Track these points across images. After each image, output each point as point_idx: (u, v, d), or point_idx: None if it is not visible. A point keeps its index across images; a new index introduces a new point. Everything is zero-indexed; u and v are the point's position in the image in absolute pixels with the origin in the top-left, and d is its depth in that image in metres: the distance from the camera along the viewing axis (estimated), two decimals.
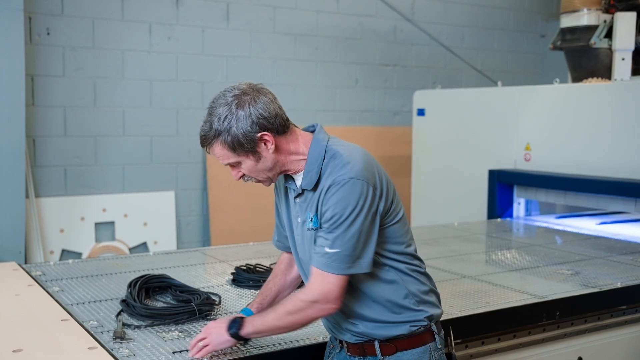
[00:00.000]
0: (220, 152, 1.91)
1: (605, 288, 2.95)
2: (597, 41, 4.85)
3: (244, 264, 3.14)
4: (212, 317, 2.45)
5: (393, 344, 1.97)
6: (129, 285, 2.65)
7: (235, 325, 1.97)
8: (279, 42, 6.06)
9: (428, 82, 6.88)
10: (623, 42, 4.79)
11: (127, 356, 2.07)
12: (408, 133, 6.16)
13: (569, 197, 4.57)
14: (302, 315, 1.90)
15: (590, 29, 4.93)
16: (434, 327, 2.02)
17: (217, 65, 5.76)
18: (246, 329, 1.96)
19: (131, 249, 5.41)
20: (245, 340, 2.05)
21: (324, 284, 1.85)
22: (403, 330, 1.97)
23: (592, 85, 4.58)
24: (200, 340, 2.01)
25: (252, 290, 2.87)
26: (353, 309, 1.98)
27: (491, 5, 7.36)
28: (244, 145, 1.87)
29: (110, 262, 3.39)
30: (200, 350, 2.00)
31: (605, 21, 4.91)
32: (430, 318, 2.00)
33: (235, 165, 1.94)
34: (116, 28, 5.32)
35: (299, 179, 1.97)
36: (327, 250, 1.84)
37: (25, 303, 2.57)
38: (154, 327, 2.33)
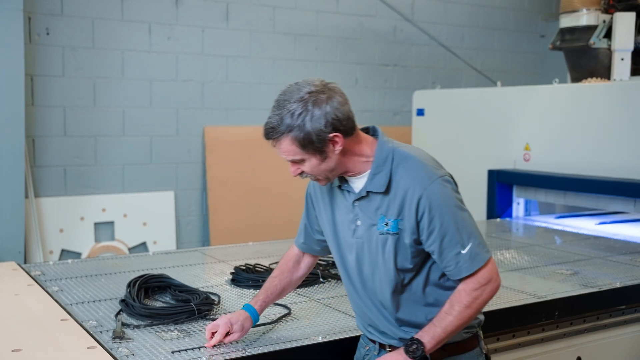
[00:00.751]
0: (287, 147, 1.85)
1: (604, 288, 2.95)
2: (597, 41, 4.85)
3: (243, 264, 3.14)
4: (211, 317, 2.45)
5: (443, 348, 1.94)
6: (128, 285, 2.65)
7: (413, 348, 1.87)
8: (279, 42, 6.07)
9: (428, 82, 6.88)
10: (622, 42, 4.79)
11: (127, 356, 2.07)
12: (408, 133, 6.16)
13: (568, 197, 4.57)
14: (478, 303, 1.88)
15: (590, 29, 4.93)
16: (479, 332, 2.05)
17: (217, 65, 5.76)
18: (429, 346, 1.87)
19: (131, 249, 5.42)
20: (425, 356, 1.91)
21: (482, 276, 1.86)
22: (458, 336, 1.97)
23: (592, 85, 4.58)
24: None
25: (251, 290, 2.87)
26: (414, 317, 1.96)
27: (491, 5, 7.36)
28: (314, 144, 1.83)
29: (109, 262, 3.39)
30: None
31: (604, 21, 4.91)
32: (479, 323, 2.03)
33: (297, 162, 1.89)
34: (116, 28, 5.32)
35: (359, 181, 1.93)
36: (462, 251, 1.85)
37: (25, 303, 2.57)
38: (153, 326, 2.33)
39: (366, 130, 1.99)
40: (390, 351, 2.00)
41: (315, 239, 2.19)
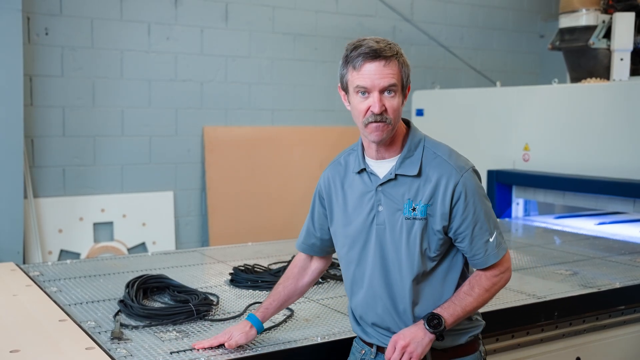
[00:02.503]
0: (394, 70, 1.86)
1: (603, 288, 2.95)
2: (596, 41, 4.86)
3: (242, 265, 3.14)
4: (209, 318, 2.45)
5: (446, 351, 1.95)
6: (127, 286, 2.65)
7: (434, 323, 1.88)
8: (278, 42, 6.06)
9: (427, 82, 6.88)
10: (622, 42, 4.79)
11: (125, 356, 2.06)
12: None
13: (567, 198, 4.57)
14: (495, 289, 1.97)
15: (589, 29, 4.93)
16: (480, 336, 2.06)
17: (216, 65, 5.76)
18: (449, 322, 1.89)
19: (130, 249, 5.41)
20: (442, 334, 1.92)
21: (502, 264, 1.96)
22: (463, 339, 1.98)
23: (591, 85, 4.58)
24: (402, 351, 1.88)
25: (250, 291, 2.87)
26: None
27: (490, 6, 7.36)
28: (408, 78, 1.91)
29: (108, 263, 3.39)
30: None
31: (604, 21, 4.91)
32: (482, 327, 2.04)
33: (388, 91, 1.86)
34: (115, 28, 5.31)
35: (385, 165, 1.94)
36: (490, 239, 1.93)
37: (23, 303, 2.57)
38: (152, 327, 2.33)
39: None
40: None
41: (316, 236, 2.16)
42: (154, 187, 5.56)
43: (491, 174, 4.95)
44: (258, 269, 3.10)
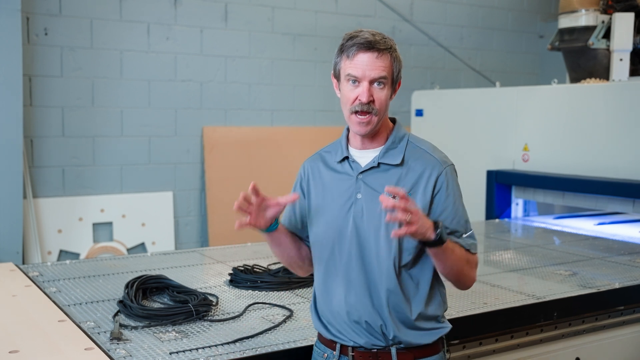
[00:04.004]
0: (387, 63, 1.90)
1: (603, 289, 2.95)
2: (595, 42, 4.86)
3: (241, 265, 3.14)
4: (209, 318, 2.45)
5: (411, 352, 1.93)
6: (127, 286, 2.65)
7: (440, 232, 1.80)
8: (278, 42, 6.06)
9: (426, 82, 6.88)
10: (621, 42, 4.79)
11: (124, 357, 2.06)
12: None
13: (567, 198, 4.57)
14: (471, 272, 1.97)
15: (589, 30, 4.93)
16: (444, 339, 2.04)
17: (216, 65, 5.76)
18: (446, 244, 1.84)
19: (129, 250, 5.41)
20: (435, 244, 1.82)
21: (476, 259, 1.99)
22: (430, 339, 1.95)
23: (591, 85, 4.58)
24: (406, 211, 1.73)
25: (249, 291, 2.87)
26: (403, 306, 1.91)
27: (490, 6, 7.36)
28: (399, 73, 1.95)
29: (107, 263, 3.39)
30: (405, 225, 1.74)
31: (603, 22, 4.91)
32: (449, 330, 2.02)
33: (378, 82, 1.89)
34: (114, 28, 5.31)
35: (368, 155, 1.97)
36: (465, 235, 1.95)
37: (22, 304, 2.57)
38: (151, 327, 2.33)
39: None
40: (354, 356, 1.93)
41: (297, 227, 2.10)
42: (153, 188, 5.56)
43: (491, 174, 4.95)
44: (257, 270, 3.10)
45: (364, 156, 1.98)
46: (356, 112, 1.89)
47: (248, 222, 1.93)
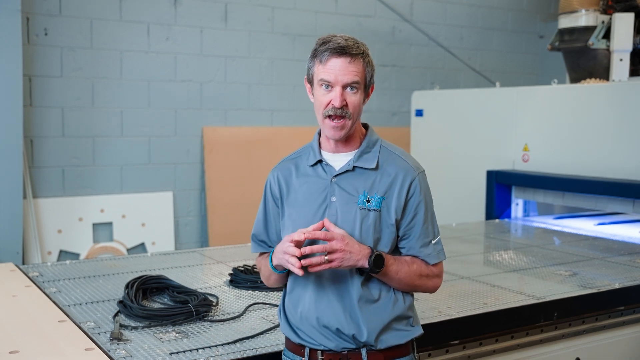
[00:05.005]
0: (359, 68, 1.90)
1: (603, 289, 2.95)
2: (595, 42, 4.86)
3: (241, 265, 3.14)
4: (209, 318, 2.45)
5: (382, 352, 1.92)
6: (127, 286, 2.65)
7: (378, 261, 1.84)
8: (278, 43, 6.06)
9: (426, 82, 6.88)
10: (621, 42, 4.79)
11: (124, 357, 2.06)
12: (406, 134, 6.16)
13: (567, 198, 4.57)
14: (426, 283, 1.97)
15: (589, 30, 4.93)
16: (414, 342, 2.03)
17: (216, 65, 5.76)
18: (387, 263, 1.87)
19: (129, 250, 5.41)
20: (373, 271, 1.86)
21: (439, 268, 1.99)
22: (404, 339, 1.95)
23: (590, 86, 4.58)
24: (328, 251, 1.79)
25: (249, 291, 2.87)
26: (373, 313, 1.90)
27: (490, 6, 7.36)
28: (371, 78, 1.96)
29: (107, 263, 3.39)
30: (322, 263, 1.79)
31: (603, 22, 4.91)
32: (420, 334, 2.00)
33: (351, 87, 1.90)
34: (114, 28, 5.31)
35: (342, 158, 1.97)
36: (433, 241, 1.97)
37: (22, 304, 2.57)
38: (151, 328, 2.33)
39: None
40: (323, 359, 1.92)
41: (270, 238, 2.08)
42: (153, 188, 5.56)
43: (491, 174, 4.95)
44: (257, 270, 3.09)
45: (338, 159, 1.98)
46: (330, 117, 1.91)
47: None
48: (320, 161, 2.00)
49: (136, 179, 5.48)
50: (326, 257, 1.81)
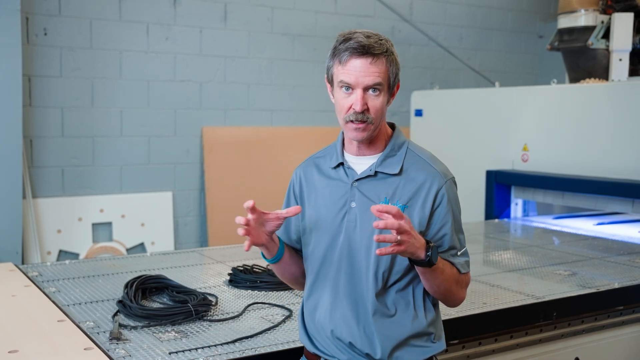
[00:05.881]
0: (382, 68, 1.77)
1: (602, 289, 2.95)
2: (595, 42, 4.86)
3: (241, 265, 3.14)
4: (208, 318, 2.45)
5: None
6: (126, 286, 2.65)
7: (431, 253, 1.72)
8: (277, 43, 6.06)
9: (426, 82, 6.88)
10: (620, 42, 4.79)
11: (123, 357, 2.06)
12: (406, 134, 6.15)
13: (566, 198, 4.57)
14: (460, 292, 1.90)
15: (588, 30, 4.93)
16: (436, 357, 1.94)
17: (215, 65, 5.76)
18: (437, 264, 1.76)
19: (129, 250, 5.41)
20: (425, 264, 1.74)
21: (467, 278, 1.92)
22: (421, 356, 1.85)
23: (590, 85, 4.58)
24: (398, 230, 1.64)
25: (248, 291, 2.87)
26: (390, 327, 1.82)
27: (489, 6, 7.36)
28: (396, 77, 1.83)
29: (107, 263, 3.39)
30: (393, 245, 1.65)
31: (602, 22, 4.91)
32: (442, 350, 1.92)
33: (373, 89, 1.78)
34: (114, 28, 5.31)
35: (365, 162, 1.87)
36: (459, 253, 1.88)
37: (22, 304, 2.57)
38: (151, 327, 2.33)
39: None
40: None
41: (290, 238, 2.02)
42: (152, 188, 5.56)
43: (490, 174, 4.95)
44: (257, 270, 3.10)
45: (360, 163, 1.88)
46: (351, 121, 1.80)
47: (249, 243, 1.79)
48: (342, 164, 1.90)
49: (136, 179, 5.48)
50: (399, 237, 1.64)
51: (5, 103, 4.56)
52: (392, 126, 1.95)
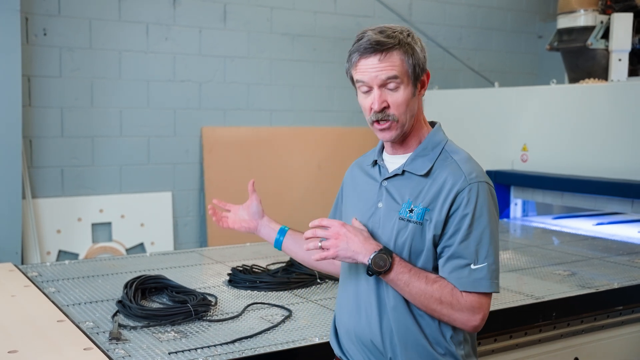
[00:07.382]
0: (394, 60, 1.71)
1: (601, 289, 2.95)
2: (594, 42, 4.86)
3: (240, 265, 3.14)
4: (208, 318, 2.45)
5: None
6: (125, 286, 2.65)
7: (380, 262, 1.65)
8: (277, 43, 6.06)
9: None
10: (620, 43, 4.79)
11: (123, 357, 2.06)
12: None
13: (566, 198, 4.57)
14: (452, 314, 1.69)
15: (587, 30, 4.93)
16: None
17: (215, 65, 5.76)
18: (397, 270, 1.66)
19: (128, 250, 5.41)
20: (372, 271, 1.69)
21: (478, 302, 1.70)
22: None
23: (589, 86, 4.58)
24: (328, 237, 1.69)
25: (248, 291, 2.87)
26: (411, 335, 1.76)
27: (489, 6, 7.36)
28: (416, 69, 1.75)
29: (106, 263, 3.39)
30: (322, 250, 1.69)
31: (602, 22, 4.91)
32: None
33: (390, 84, 1.73)
34: (113, 28, 5.31)
35: (398, 160, 1.84)
36: (474, 266, 1.69)
37: (21, 304, 2.57)
38: (150, 327, 2.33)
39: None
40: None
41: None
42: (152, 188, 5.56)
43: (489, 174, 4.94)
44: (256, 270, 3.10)
45: (393, 162, 1.84)
46: (375, 122, 1.76)
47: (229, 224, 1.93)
48: (376, 162, 1.89)
49: (135, 179, 5.48)
50: (319, 243, 1.70)
51: (4, 103, 4.56)
52: (433, 124, 1.92)
